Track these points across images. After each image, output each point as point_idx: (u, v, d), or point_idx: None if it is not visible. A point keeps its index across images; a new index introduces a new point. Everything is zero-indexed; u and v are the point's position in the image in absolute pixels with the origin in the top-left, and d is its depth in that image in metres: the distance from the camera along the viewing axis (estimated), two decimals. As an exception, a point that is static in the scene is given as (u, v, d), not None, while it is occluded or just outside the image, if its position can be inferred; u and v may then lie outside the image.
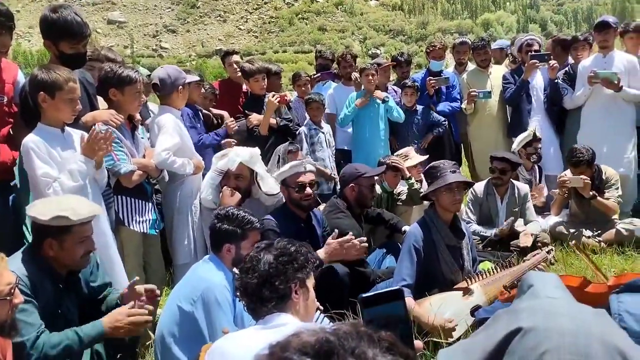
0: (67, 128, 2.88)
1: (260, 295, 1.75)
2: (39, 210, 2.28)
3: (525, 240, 4.08)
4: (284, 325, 1.70)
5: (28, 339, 2.13)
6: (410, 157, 4.73)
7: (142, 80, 3.24)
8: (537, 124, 5.17)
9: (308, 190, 3.34)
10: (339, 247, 3.05)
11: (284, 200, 3.46)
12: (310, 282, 1.86)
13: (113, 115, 3.09)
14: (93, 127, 2.84)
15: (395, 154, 4.87)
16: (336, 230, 3.16)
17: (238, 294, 1.84)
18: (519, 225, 4.38)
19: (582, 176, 4.30)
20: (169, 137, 3.37)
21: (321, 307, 2.62)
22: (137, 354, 2.72)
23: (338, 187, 4.90)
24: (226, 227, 2.57)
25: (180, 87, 3.59)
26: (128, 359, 2.66)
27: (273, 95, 4.53)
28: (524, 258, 3.33)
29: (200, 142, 4.17)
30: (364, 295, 1.12)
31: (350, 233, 3.12)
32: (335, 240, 3.06)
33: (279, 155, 4.11)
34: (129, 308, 2.36)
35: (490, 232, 4.31)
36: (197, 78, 4.17)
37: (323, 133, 5.01)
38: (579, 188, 4.35)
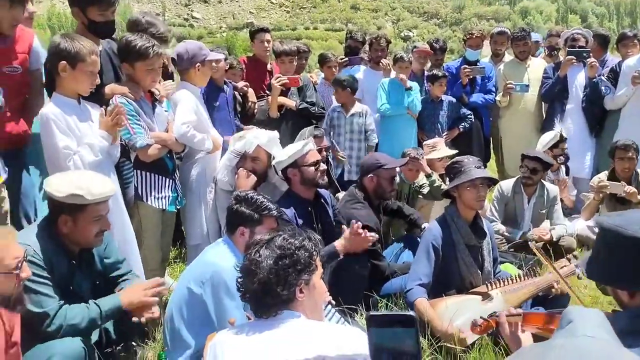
0: (82, 101, 2.83)
1: (261, 301, 1.65)
2: (55, 186, 2.25)
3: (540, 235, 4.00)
4: (289, 322, 1.63)
5: (51, 309, 2.15)
6: (438, 148, 4.60)
7: (158, 54, 3.06)
8: (569, 123, 4.97)
9: (323, 166, 3.31)
10: (354, 238, 2.95)
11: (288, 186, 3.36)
12: (317, 276, 1.74)
13: (128, 91, 3.01)
14: (111, 100, 2.78)
15: (424, 143, 4.74)
16: (355, 222, 3.04)
17: (240, 294, 1.74)
18: (546, 227, 4.23)
19: (623, 183, 4.23)
20: (187, 112, 3.32)
21: (333, 302, 2.54)
22: (147, 333, 2.68)
23: (346, 173, 4.82)
24: (243, 210, 2.51)
25: (199, 64, 3.49)
26: (137, 337, 2.64)
27: (277, 79, 4.40)
28: (550, 270, 3.16)
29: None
30: (373, 313, 1.03)
31: (359, 223, 3.00)
32: (349, 231, 2.97)
33: (303, 139, 4.01)
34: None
35: (515, 236, 4.16)
36: (221, 56, 3.98)
37: (345, 117, 4.87)
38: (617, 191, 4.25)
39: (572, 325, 1.06)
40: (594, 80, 4.92)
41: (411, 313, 1.07)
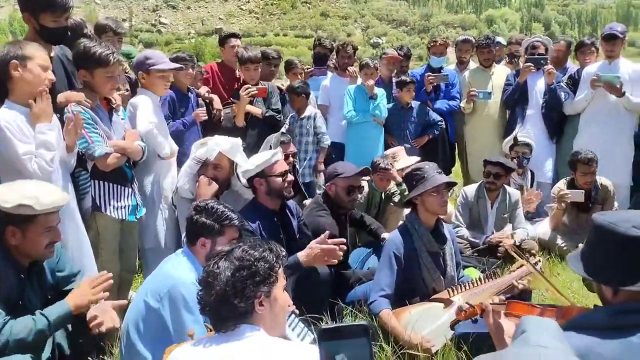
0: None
1: (219, 313, 1.60)
2: (2, 196, 2.16)
3: (506, 242, 4.01)
4: (246, 337, 1.58)
5: None
6: (399, 158, 4.60)
7: (117, 62, 3.02)
8: (529, 129, 5.06)
9: (290, 176, 3.25)
10: (320, 252, 2.88)
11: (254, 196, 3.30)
12: (279, 288, 1.70)
13: (84, 98, 2.91)
14: (66, 108, 2.69)
15: (384, 152, 4.75)
16: (326, 232, 3.00)
17: (199, 307, 1.69)
18: (507, 231, 4.30)
19: (582, 191, 4.31)
20: (149, 112, 3.30)
21: (296, 311, 2.50)
22: (103, 348, 2.59)
23: (300, 176, 4.77)
24: (203, 221, 2.44)
25: (142, 73, 3.49)
26: (93, 353, 2.55)
27: (245, 90, 4.37)
28: (510, 269, 3.21)
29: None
30: (324, 327, 1.00)
31: (327, 233, 2.96)
32: (318, 245, 2.90)
33: (270, 146, 3.97)
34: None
35: (479, 241, 4.21)
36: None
37: (298, 121, 4.91)
38: (577, 199, 4.33)
39: (526, 335, 1.06)
40: (552, 86, 5.04)
41: (363, 323, 1.04)
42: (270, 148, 3.90)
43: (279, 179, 3.17)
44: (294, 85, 4.95)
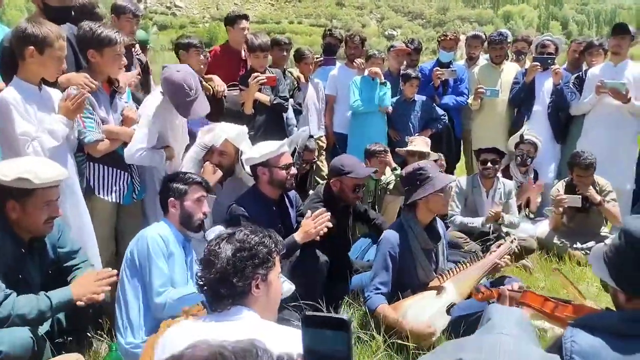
0: (44, 87, 2.78)
1: (217, 291, 1.67)
2: (2, 170, 2.21)
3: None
4: (240, 318, 1.64)
5: None
6: (414, 143, 4.64)
7: (122, 41, 3.06)
8: (535, 127, 5.04)
9: (293, 169, 3.29)
10: (312, 226, 2.95)
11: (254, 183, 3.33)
12: (275, 274, 1.77)
13: (88, 79, 2.95)
14: (67, 90, 2.73)
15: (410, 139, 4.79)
16: (309, 212, 3.06)
17: (197, 287, 1.75)
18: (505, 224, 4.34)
19: (579, 197, 4.30)
20: (143, 135, 3.16)
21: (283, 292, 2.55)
22: (101, 324, 2.66)
23: None
24: (169, 186, 2.77)
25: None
26: (91, 328, 2.62)
27: (254, 78, 4.35)
28: (491, 250, 3.25)
29: None
30: (307, 313, 1.03)
31: (315, 212, 3.02)
32: (308, 218, 2.99)
33: (295, 148, 4.02)
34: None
35: (477, 222, 4.26)
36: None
37: None
38: (574, 204, 4.33)
39: (491, 322, 1.10)
40: (559, 87, 5.01)
41: (343, 317, 1.04)
42: (295, 150, 3.98)
43: (283, 172, 3.20)
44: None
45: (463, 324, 2.55)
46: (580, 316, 1.62)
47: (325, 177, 4.66)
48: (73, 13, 3.15)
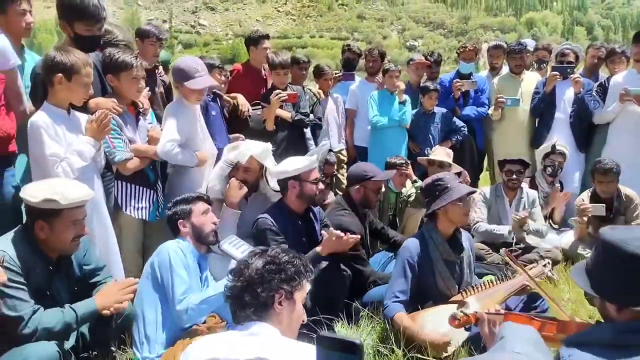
0: (73, 111, 2.89)
1: (242, 299, 1.72)
2: (30, 192, 2.31)
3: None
4: (260, 334, 1.67)
5: (25, 313, 2.19)
6: (436, 153, 4.65)
7: (139, 65, 3.18)
8: (557, 137, 4.99)
9: (321, 184, 3.39)
10: (335, 241, 3.01)
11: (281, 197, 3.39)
12: (300, 295, 1.81)
13: (115, 103, 3.09)
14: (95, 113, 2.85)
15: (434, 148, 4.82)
16: (331, 229, 3.10)
17: (224, 297, 1.81)
18: (530, 237, 4.32)
19: (603, 205, 4.26)
20: (173, 129, 3.32)
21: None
22: (124, 339, 2.72)
23: None
24: (175, 210, 2.92)
25: (178, 84, 3.52)
26: (114, 342, 2.68)
27: (276, 95, 4.43)
28: (523, 269, 3.19)
29: None
30: (321, 334, 1.06)
31: (338, 231, 3.06)
32: (329, 233, 3.04)
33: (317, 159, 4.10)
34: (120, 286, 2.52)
35: (503, 230, 4.23)
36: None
37: None
38: (598, 213, 4.28)
39: (503, 341, 1.10)
40: (579, 95, 4.95)
41: (356, 341, 1.08)
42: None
43: (313, 186, 3.27)
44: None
45: (483, 339, 2.52)
46: (568, 333, 1.59)
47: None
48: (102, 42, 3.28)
